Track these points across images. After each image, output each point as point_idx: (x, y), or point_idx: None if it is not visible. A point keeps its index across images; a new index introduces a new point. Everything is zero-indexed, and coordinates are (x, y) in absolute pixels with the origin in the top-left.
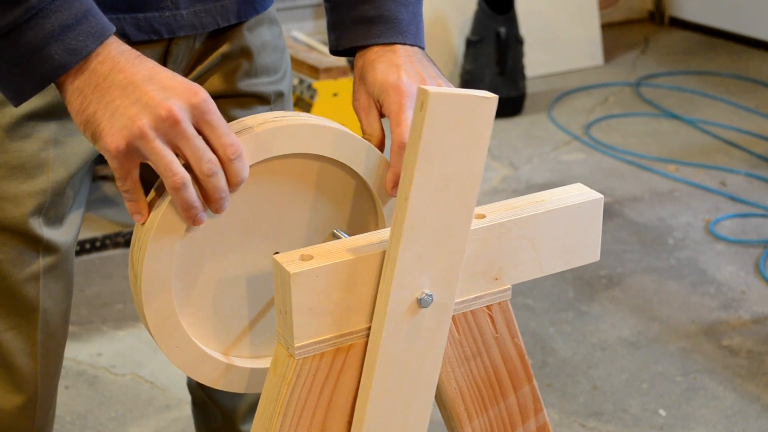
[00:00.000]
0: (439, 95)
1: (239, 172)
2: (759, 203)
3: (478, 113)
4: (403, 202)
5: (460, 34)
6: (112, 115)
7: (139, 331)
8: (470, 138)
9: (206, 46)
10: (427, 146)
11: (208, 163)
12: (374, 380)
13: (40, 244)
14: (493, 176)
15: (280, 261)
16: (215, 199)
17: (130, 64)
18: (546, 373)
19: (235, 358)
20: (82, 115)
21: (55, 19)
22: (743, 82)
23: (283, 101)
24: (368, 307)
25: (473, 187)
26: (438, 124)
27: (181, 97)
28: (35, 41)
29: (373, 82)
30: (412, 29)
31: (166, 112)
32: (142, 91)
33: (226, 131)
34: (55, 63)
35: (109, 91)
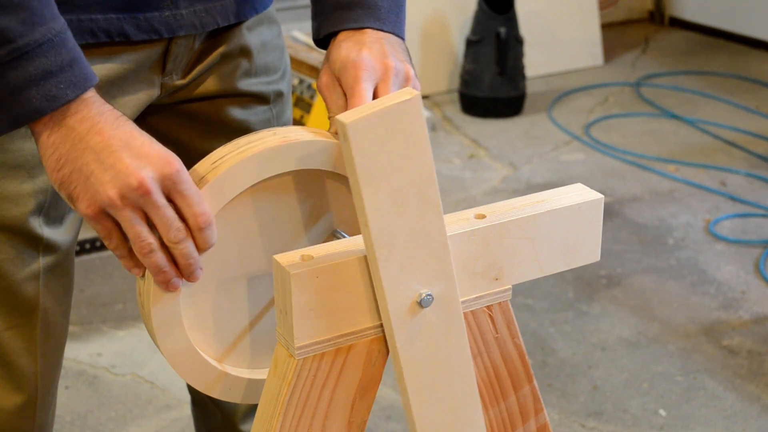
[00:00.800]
0: (355, 122)
1: (207, 240)
2: (759, 203)
3: (404, 118)
4: (365, 228)
5: (460, 34)
6: (86, 179)
7: (139, 331)
8: (407, 143)
9: (206, 46)
10: (364, 172)
11: (176, 231)
12: (408, 387)
13: (40, 244)
14: (493, 176)
15: (281, 261)
16: (184, 266)
17: (108, 126)
18: (546, 373)
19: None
20: (57, 174)
21: (39, 63)
22: (743, 82)
23: (283, 101)
24: (369, 306)
25: (431, 185)
26: (367, 148)
27: (155, 166)
28: (15, 82)
29: (335, 59)
30: (392, 17)
31: (137, 182)
32: (116, 157)
33: (197, 200)
34: (32, 107)
35: (84, 154)
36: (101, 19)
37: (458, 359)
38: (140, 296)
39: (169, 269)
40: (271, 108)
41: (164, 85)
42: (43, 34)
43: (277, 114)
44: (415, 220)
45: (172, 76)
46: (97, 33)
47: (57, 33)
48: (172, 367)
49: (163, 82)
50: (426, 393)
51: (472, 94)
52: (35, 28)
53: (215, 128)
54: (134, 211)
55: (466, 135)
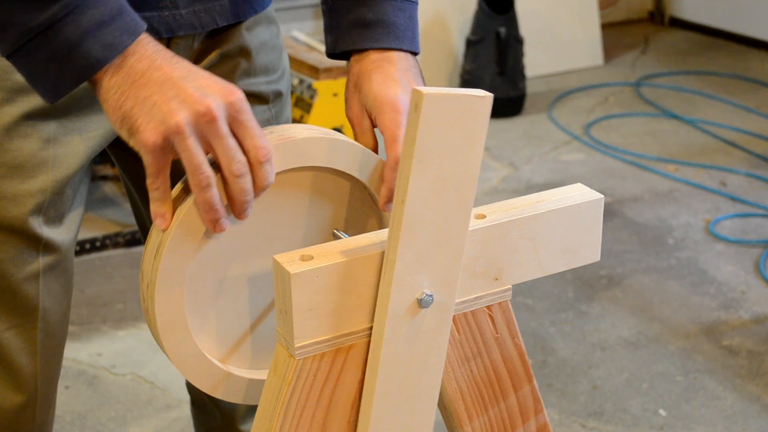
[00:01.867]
0: (433, 96)
1: (266, 176)
2: (759, 203)
3: (473, 113)
4: (399, 204)
5: (460, 34)
6: (149, 110)
7: (139, 331)
8: (466, 138)
9: (205, 46)
10: (422, 148)
11: (238, 164)
12: (377, 382)
13: (40, 244)
14: (493, 176)
15: (281, 261)
16: (239, 202)
17: (167, 62)
18: (546, 373)
19: (234, 367)
20: (119, 111)
21: (91, 15)
22: (743, 82)
23: (282, 101)
24: (368, 307)
25: (470, 187)
26: (433, 126)
27: (219, 94)
28: (73, 37)
29: (367, 93)
30: (408, 35)
31: (204, 108)
32: (179, 87)
33: (259, 133)
34: (93, 58)
35: (146, 87)
36: None
37: (431, 369)
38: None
39: (221, 207)
40: (271, 108)
41: None
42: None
43: (277, 114)
44: (445, 214)
45: None
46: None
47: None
48: (177, 368)
49: None
50: (390, 396)
51: None
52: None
53: None
54: (198, 140)
55: None
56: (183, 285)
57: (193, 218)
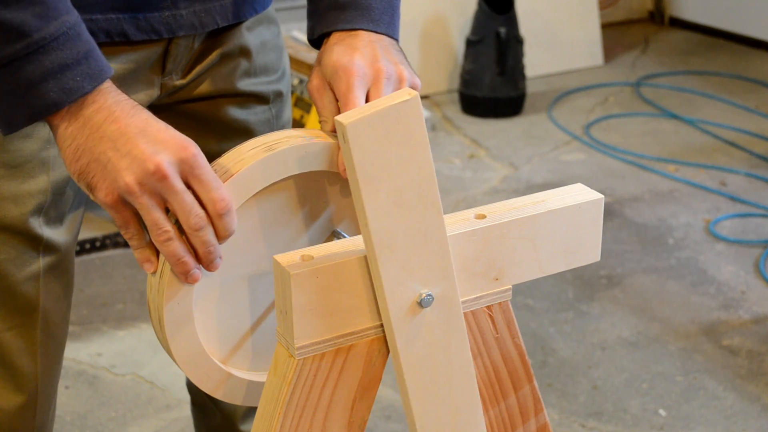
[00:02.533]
0: (355, 123)
1: (228, 227)
2: (759, 203)
3: (403, 119)
4: (365, 228)
5: (460, 34)
6: (104, 168)
7: (139, 331)
8: (406, 143)
9: (205, 46)
10: (364, 173)
11: (196, 218)
12: (408, 388)
13: (41, 244)
14: (493, 176)
15: (281, 261)
16: (203, 254)
17: (124, 114)
18: (546, 373)
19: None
20: (75, 165)
21: (55, 57)
22: (743, 82)
23: (282, 101)
24: (368, 307)
25: (430, 185)
26: (366, 149)
27: (171, 151)
28: (32, 76)
29: (326, 63)
30: (385, 19)
31: (154, 166)
32: (132, 143)
33: (216, 185)
34: (49, 100)
35: (101, 142)
36: (101, 19)
37: (458, 359)
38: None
39: (189, 258)
40: (271, 108)
41: (164, 86)
42: (58, 28)
43: (277, 114)
44: (415, 220)
45: (172, 76)
46: (97, 33)
47: (72, 26)
48: (180, 367)
49: (162, 82)
50: (426, 393)
51: (472, 94)
52: (50, 22)
53: (215, 128)
54: (152, 198)
55: (466, 135)
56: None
57: None
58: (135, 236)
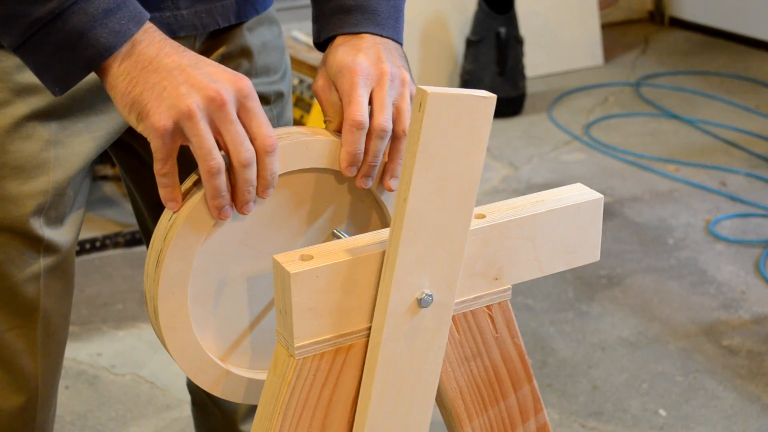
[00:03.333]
0: (437, 95)
1: (271, 167)
2: (759, 203)
3: (476, 113)
4: (402, 203)
5: (460, 34)
6: (159, 95)
7: (139, 331)
8: (469, 138)
9: (206, 46)
10: (425, 147)
11: (246, 152)
12: (375, 380)
13: (41, 245)
14: (493, 176)
15: (280, 261)
16: (243, 191)
17: (175, 50)
18: (546, 373)
19: (234, 366)
20: (128, 96)
21: (97, 3)
22: (743, 82)
23: (283, 101)
24: (368, 307)
25: (472, 187)
26: (436, 125)
27: (228, 81)
28: (80, 26)
29: (331, 63)
30: (391, 23)
31: (214, 92)
32: (189, 74)
33: (266, 122)
34: (101, 46)
35: (156, 73)
36: None
37: (429, 370)
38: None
39: (227, 195)
40: (272, 108)
41: None
42: None
43: (278, 114)
44: (446, 215)
45: None
46: None
47: None
48: (178, 365)
49: None
50: (388, 396)
51: None
52: None
53: None
54: (209, 125)
55: None
56: (187, 282)
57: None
58: (170, 173)
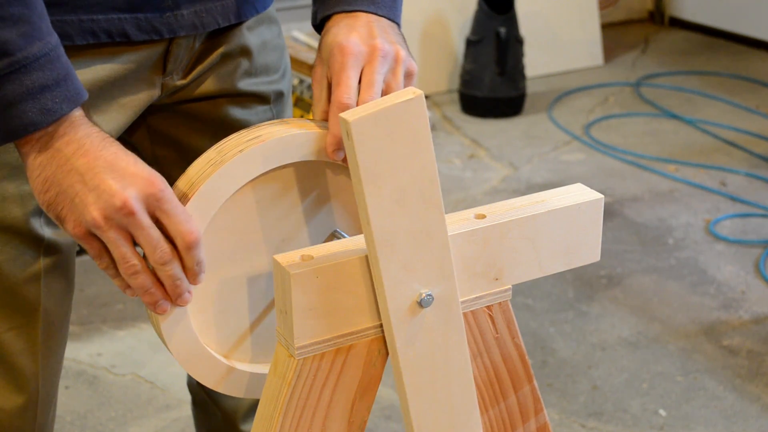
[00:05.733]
0: (359, 120)
1: (195, 260)
2: (759, 203)
3: (407, 117)
4: (367, 226)
5: (460, 34)
6: (71, 201)
7: (139, 331)
8: (410, 142)
9: (206, 46)
10: (367, 170)
11: (161, 253)
12: (406, 388)
13: (41, 244)
14: (493, 176)
15: (281, 261)
16: (171, 287)
17: (93, 147)
18: (546, 373)
19: (236, 361)
20: (44, 196)
21: (36, 77)
22: (743, 82)
23: (283, 101)
24: (369, 307)
25: (432, 185)
26: (370, 146)
27: (138, 186)
28: (12, 96)
29: (324, 45)
30: (387, 2)
31: (120, 202)
32: (100, 178)
33: (184, 219)
34: (27, 120)
35: (69, 176)
36: (102, 19)
37: (457, 360)
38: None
39: (155, 290)
40: (272, 108)
41: (165, 85)
42: (41, 49)
43: (278, 114)
44: (416, 219)
45: (173, 76)
46: (98, 33)
47: (53, 47)
48: (180, 364)
49: (163, 82)
50: (424, 393)
51: (472, 94)
52: (34, 42)
53: (216, 128)
54: (119, 233)
55: (466, 135)
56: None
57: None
58: (110, 266)
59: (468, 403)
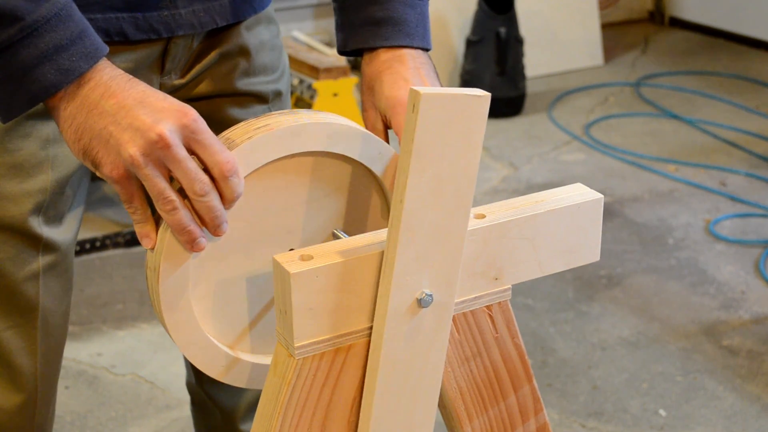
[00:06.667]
0: (430, 96)
1: (234, 189)
2: (759, 203)
3: (470, 112)
4: (398, 204)
5: (460, 34)
6: (106, 142)
7: (139, 331)
8: (464, 137)
9: (204, 46)
10: (420, 147)
11: (200, 184)
12: (377, 382)
13: (40, 243)
14: (493, 176)
15: (280, 261)
16: (209, 219)
17: (120, 88)
18: (546, 373)
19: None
20: (78, 144)
21: (49, 38)
22: (743, 82)
23: (281, 100)
24: (368, 307)
25: (469, 187)
26: (430, 125)
27: (172, 118)
28: (28, 60)
29: (380, 95)
30: (420, 31)
31: (156, 135)
32: (132, 115)
33: (219, 149)
34: (47, 82)
35: (101, 118)
36: (100, 18)
37: (432, 369)
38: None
39: (194, 227)
40: (270, 107)
41: (163, 85)
42: (50, 9)
43: None
44: (443, 214)
45: (171, 75)
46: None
47: (63, 6)
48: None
49: (161, 81)
50: (390, 396)
51: None
52: (41, 4)
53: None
54: (156, 168)
55: None
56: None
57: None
58: (138, 210)
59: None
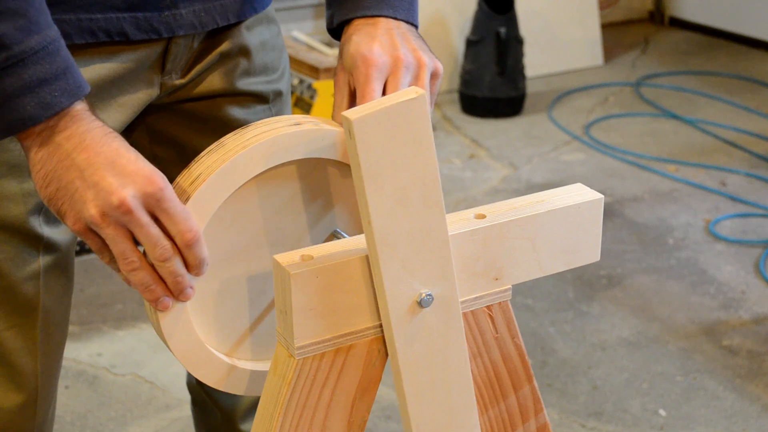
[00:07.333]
0: (361, 119)
1: (197, 256)
2: (759, 203)
3: (409, 117)
4: (368, 226)
5: (460, 34)
6: (71, 196)
7: (139, 331)
8: (412, 142)
9: (205, 46)
10: (369, 169)
11: (161, 249)
12: (405, 387)
13: (40, 243)
14: (493, 176)
15: (281, 261)
16: (172, 284)
17: (94, 143)
18: (546, 373)
19: (237, 359)
20: (45, 190)
21: (33, 71)
22: (743, 82)
23: (282, 100)
24: (368, 307)
25: (434, 184)
26: (372, 146)
27: (137, 184)
28: (10, 90)
29: (346, 55)
30: (405, 4)
31: (118, 200)
32: (100, 175)
33: (183, 217)
34: (26, 114)
35: (70, 170)
36: (101, 18)
37: (456, 360)
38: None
39: (156, 287)
40: (271, 107)
41: (164, 85)
42: (39, 42)
43: (277, 113)
44: (417, 219)
45: (172, 75)
46: (96, 32)
47: (52, 41)
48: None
49: (162, 81)
50: (423, 394)
51: (472, 94)
52: (31, 36)
53: (214, 127)
54: (117, 230)
55: (466, 135)
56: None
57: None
58: (112, 261)
59: (467, 404)
